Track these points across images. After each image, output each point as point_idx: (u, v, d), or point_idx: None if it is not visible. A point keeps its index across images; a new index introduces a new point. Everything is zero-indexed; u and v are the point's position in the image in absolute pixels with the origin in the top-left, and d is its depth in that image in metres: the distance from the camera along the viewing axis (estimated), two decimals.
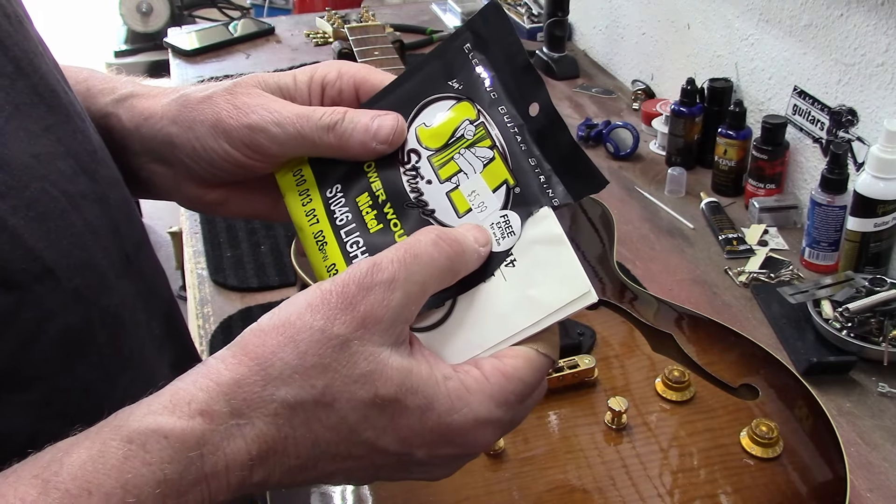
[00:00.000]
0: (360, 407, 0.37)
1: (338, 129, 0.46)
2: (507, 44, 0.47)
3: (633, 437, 0.70)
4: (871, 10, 0.99)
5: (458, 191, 0.45)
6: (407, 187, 0.46)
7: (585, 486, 0.66)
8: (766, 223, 1.12)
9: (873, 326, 0.87)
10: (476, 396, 0.39)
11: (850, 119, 1.05)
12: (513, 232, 0.43)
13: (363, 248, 0.45)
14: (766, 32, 1.19)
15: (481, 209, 0.44)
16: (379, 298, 0.38)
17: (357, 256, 0.45)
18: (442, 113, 0.46)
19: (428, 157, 0.46)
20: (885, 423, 0.81)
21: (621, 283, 0.89)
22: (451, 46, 0.48)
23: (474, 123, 0.46)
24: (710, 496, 0.66)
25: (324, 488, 0.65)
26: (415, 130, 0.47)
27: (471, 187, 0.45)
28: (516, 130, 0.45)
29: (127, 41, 3.41)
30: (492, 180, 0.44)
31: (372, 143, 0.46)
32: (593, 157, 1.30)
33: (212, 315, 0.97)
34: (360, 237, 0.45)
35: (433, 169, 0.46)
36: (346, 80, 0.49)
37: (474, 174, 0.45)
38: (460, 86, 0.47)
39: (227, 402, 0.36)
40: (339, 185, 0.47)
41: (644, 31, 1.52)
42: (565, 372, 0.74)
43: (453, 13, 1.92)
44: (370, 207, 0.46)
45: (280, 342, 0.37)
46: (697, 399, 0.74)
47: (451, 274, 0.41)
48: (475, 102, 0.46)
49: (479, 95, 0.46)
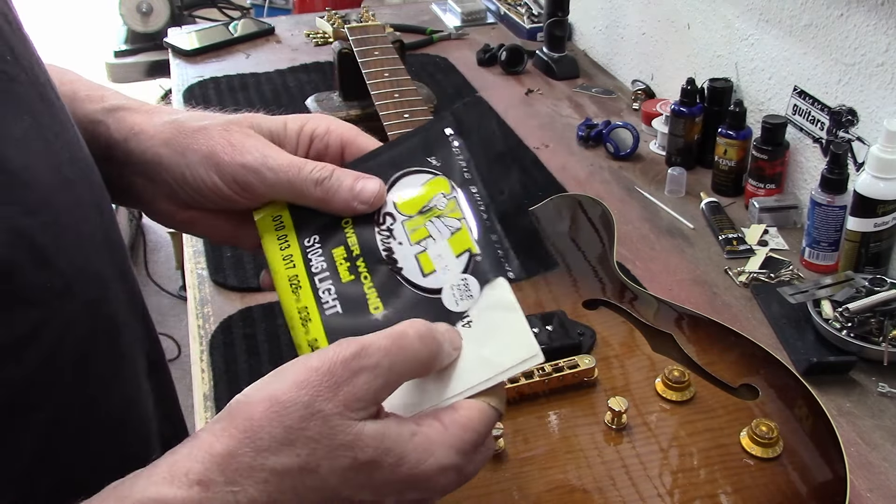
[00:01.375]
0: (340, 471, 0.41)
1: (325, 185, 0.50)
2: (486, 134, 0.52)
3: (633, 437, 0.70)
4: (871, 10, 0.99)
5: (426, 253, 0.50)
6: (380, 245, 0.50)
7: (585, 486, 0.66)
8: (766, 223, 1.12)
9: (873, 326, 0.87)
10: (439, 447, 0.43)
11: (850, 119, 1.05)
12: (471, 295, 0.48)
13: (335, 296, 0.49)
14: (766, 32, 1.19)
15: (444, 271, 0.49)
16: (361, 382, 0.41)
17: (328, 302, 0.49)
18: (419, 184, 0.52)
19: (402, 221, 0.51)
20: (885, 423, 0.81)
21: (621, 283, 0.89)
22: (434, 126, 0.53)
23: (447, 197, 0.51)
24: (710, 496, 0.66)
25: None
26: (393, 196, 0.52)
27: (437, 251, 0.50)
28: (484, 209, 0.50)
29: (127, 41, 3.40)
30: (457, 247, 0.49)
31: (354, 203, 0.50)
32: (593, 157, 1.31)
33: (212, 315, 0.97)
34: (332, 285, 0.49)
35: (405, 232, 0.50)
36: (334, 137, 0.53)
37: (442, 240, 0.50)
38: (438, 163, 0.52)
39: (222, 472, 0.38)
40: (318, 237, 0.51)
41: (644, 31, 1.52)
42: (565, 372, 0.74)
43: (453, 13, 1.92)
44: (344, 259, 0.50)
45: (268, 416, 0.40)
46: (697, 399, 0.74)
47: (427, 369, 0.45)
48: (450, 179, 0.51)
49: (454, 174, 0.52)
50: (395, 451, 0.42)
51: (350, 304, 0.49)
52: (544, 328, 0.79)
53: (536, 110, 1.48)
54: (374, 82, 1.14)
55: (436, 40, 1.80)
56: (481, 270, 0.48)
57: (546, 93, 1.55)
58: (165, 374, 0.57)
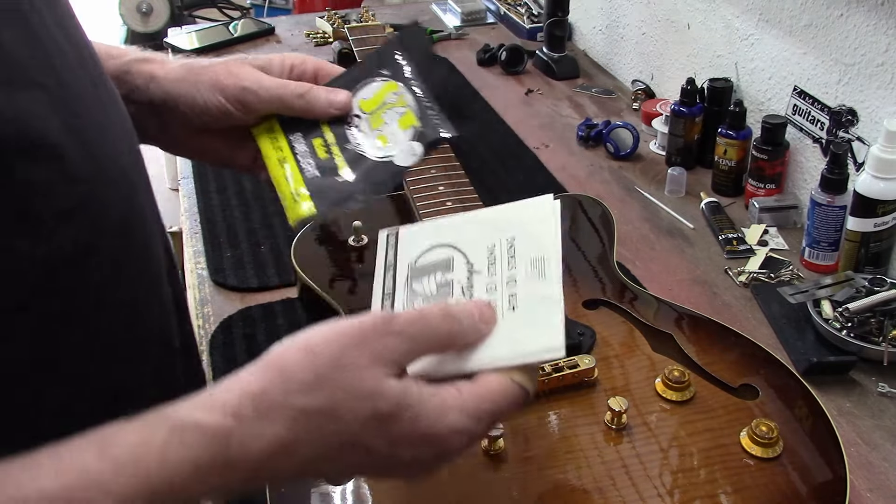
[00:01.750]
0: (362, 419, 0.45)
1: (307, 97, 0.65)
2: (421, 47, 0.71)
3: (633, 437, 0.70)
4: (871, 10, 0.99)
5: (383, 134, 0.66)
6: (348, 135, 0.67)
7: (585, 486, 0.66)
8: (766, 223, 1.12)
9: (873, 326, 0.87)
10: (452, 411, 0.48)
11: (850, 119, 1.05)
12: (415, 154, 0.65)
13: (313, 166, 0.65)
14: (766, 32, 1.19)
15: (395, 143, 0.65)
16: (389, 343, 0.47)
17: (308, 170, 0.65)
18: (376, 90, 0.68)
19: (365, 118, 0.67)
20: (885, 423, 0.81)
21: (621, 283, 0.89)
22: (384, 49, 0.70)
23: (396, 94, 0.68)
24: (710, 496, 0.66)
25: (324, 488, 0.65)
26: (356, 100, 0.68)
27: (391, 131, 0.66)
28: (423, 96, 0.67)
29: (127, 41, 3.40)
30: (404, 125, 0.66)
31: (329, 108, 0.66)
32: (593, 157, 1.31)
33: (212, 315, 0.97)
34: (312, 160, 0.65)
35: (368, 123, 0.67)
36: (309, 65, 0.68)
37: (393, 123, 0.66)
38: (388, 73, 0.69)
39: (255, 408, 0.44)
40: (300, 134, 0.67)
41: (644, 31, 1.52)
42: (565, 372, 0.74)
43: (453, 13, 1.93)
44: (321, 146, 0.66)
45: (301, 363, 0.45)
46: (697, 399, 0.74)
47: (449, 341, 0.51)
48: (398, 82, 0.68)
49: (400, 78, 0.69)
50: (413, 408, 0.46)
51: (325, 170, 0.65)
52: None
53: (536, 110, 1.48)
54: None
55: (436, 40, 1.80)
56: (423, 136, 0.65)
57: (546, 93, 1.55)
58: (178, 280, 0.63)
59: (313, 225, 0.98)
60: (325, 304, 0.86)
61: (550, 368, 0.74)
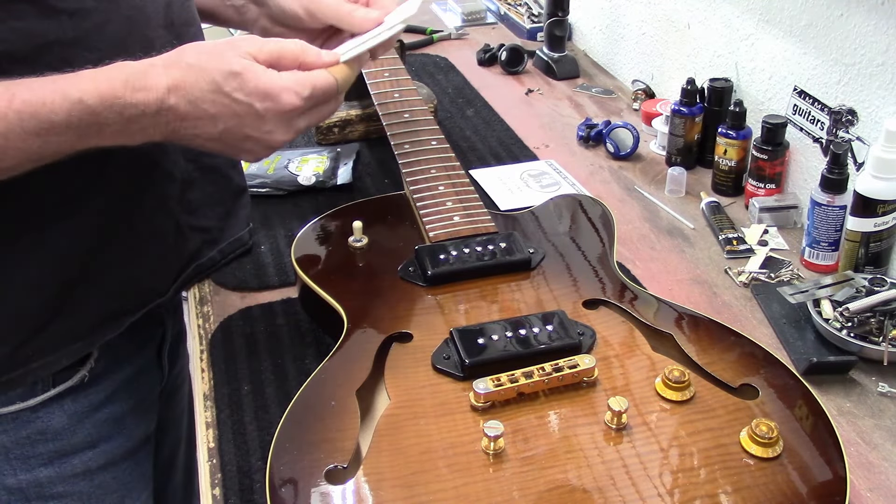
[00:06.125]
0: (223, 71, 0.68)
1: (355, 13, 0.86)
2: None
3: (632, 437, 0.70)
4: (871, 10, 0.99)
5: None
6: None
7: (585, 485, 0.66)
8: (766, 223, 1.12)
9: (873, 326, 0.87)
10: (285, 77, 0.71)
11: (850, 119, 1.05)
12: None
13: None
14: (766, 32, 1.19)
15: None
16: (249, 43, 0.71)
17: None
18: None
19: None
20: (885, 423, 0.81)
21: (621, 283, 0.89)
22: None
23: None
24: (710, 496, 0.66)
25: (324, 488, 0.65)
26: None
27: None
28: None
29: None
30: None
31: (366, 23, 0.86)
32: (593, 157, 1.31)
33: (212, 315, 0.97)
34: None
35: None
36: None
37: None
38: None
39: (163, 63, 0.68)
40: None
41: (644, 31, 1.52)
42: (565, 372, 0.74)
43: (453, 13, 1.93)
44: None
45: (193, 49, 0.70)
46: (697, 399, 0.74)
47: (296, 57, 0.73)
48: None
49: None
50: (256, 69, 0.69)
51: None
52: (544, 328, 0.79)
53: (536, 110, 1.48)
54: (374, 82, 1.14)
55: (436, 40, 1.80)
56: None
57: (546, 93, 1.55)
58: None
59: (313, 225, 0.98)
60: (326, 304, 0.86)
61: (550, 368, 0.74)
